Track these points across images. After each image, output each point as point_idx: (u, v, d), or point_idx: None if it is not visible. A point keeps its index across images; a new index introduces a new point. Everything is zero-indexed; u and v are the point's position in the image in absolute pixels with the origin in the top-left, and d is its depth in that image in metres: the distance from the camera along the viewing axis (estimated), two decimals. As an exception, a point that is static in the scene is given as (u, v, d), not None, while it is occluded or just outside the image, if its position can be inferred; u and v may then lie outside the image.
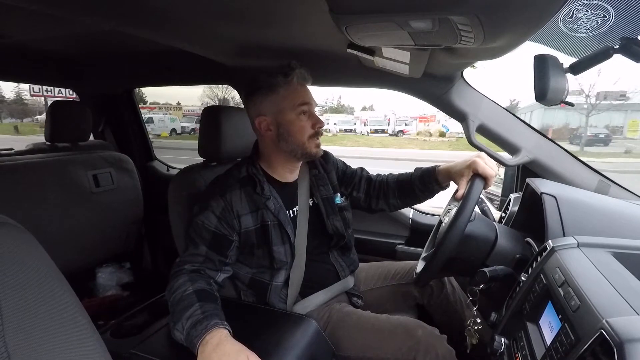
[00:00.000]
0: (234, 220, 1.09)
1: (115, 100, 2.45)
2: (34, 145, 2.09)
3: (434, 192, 1.25)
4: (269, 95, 1.10)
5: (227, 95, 29.88)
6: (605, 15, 0.75)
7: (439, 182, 1.21)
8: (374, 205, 1.34)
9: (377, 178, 1.36)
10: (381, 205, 1.34)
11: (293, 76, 1.10)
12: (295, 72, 1.10)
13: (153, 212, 2.18)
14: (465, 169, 1.11)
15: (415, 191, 1.26)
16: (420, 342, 1.02)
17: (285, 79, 1.09)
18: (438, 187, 1.23)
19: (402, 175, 1.32)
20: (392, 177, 1.34)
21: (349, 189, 1.34)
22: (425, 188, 1.24)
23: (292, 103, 1.10)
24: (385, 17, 0.72)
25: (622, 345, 0.49)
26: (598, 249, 0.82)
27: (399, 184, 1.30)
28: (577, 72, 0.90)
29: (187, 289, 0.97)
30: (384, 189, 1.32)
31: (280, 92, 1.10)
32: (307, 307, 1.18)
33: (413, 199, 1.30)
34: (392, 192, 1.31)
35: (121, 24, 1.19)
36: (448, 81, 1.41)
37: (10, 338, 0.49)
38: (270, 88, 1.10)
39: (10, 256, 0.52)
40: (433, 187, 1.23)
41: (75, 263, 1.78)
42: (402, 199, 1.31)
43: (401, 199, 1.31)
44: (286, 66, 1.11)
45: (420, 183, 1.25)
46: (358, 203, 1.36)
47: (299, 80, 1.11)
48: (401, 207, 1.35)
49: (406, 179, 1.29)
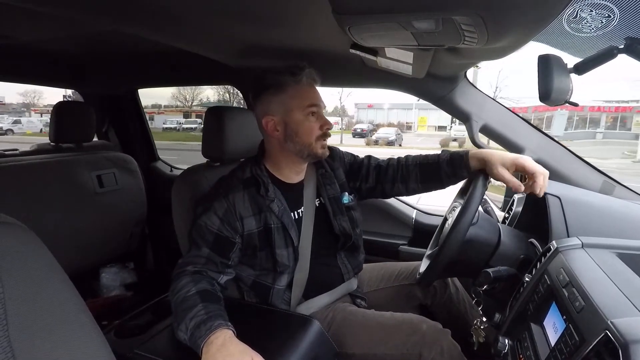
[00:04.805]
0: (237, 222, 1.09)
1: (119, 101, 2.46)
2: (38, 146, 2.11)
3: (462, 178, 1.16)
4: (277, 94, 1.09)
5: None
6: (609, 15, 0.75)
7: (470, 168, 1.11)
8: (389, 190, 1.26)
9: (391, 162, 1.28)
10: (398, 189, 1.25)
11: (302, 76, 1.09)
12: (304, 72, 1.09)
13: (156, 213, 2.19)
14: (509, 160, 1.03)
15: (441, 176, 1.17)
16: (426, 336, 1.02)
17: (294, 78, 1.08)
18: (467, 173, 1.13)
19: (426, 158, 1.22)
20: (412, 159, 1.24)
21: (358, 182, 1.29)
22: (454, 173, 1.15)
23: (301, 103, 1.09)
24: (388, 17, 0.72)
25: (627, 346, 0.49)
26: (602, 250, 0.81)
27: (422, 167, 1.21)
28: (581, 73, 0.90)
29: (189, 289, 0.97)
30: (402, 172, 1.23)
31: (288, 92, 1.09)
32: (311, 309, 1.18)
33: (436, 184, 1.20)
34: (414, 176, 1.22)
35: (126, 24, 1.19)
36: (451, 81, 1.41)
37: (15, 337, 0.49)
38: (279, 87, 1.09)
39: (15, 256, 0.53)
40: (462, 172, 1.14)
41: (79, 263, 1.79)
42: (425, 184, 1.22)
43: (423, 184, 1.22)
44: (295, 66, 1.10)
45: (448, 167, 1.15)
46: (372, 192, 1.30)
47: (308, 80, 1.10)
48: (421, 192, 1.25)
49: (432, 162, 1.19)
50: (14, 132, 23.17)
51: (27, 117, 28.97)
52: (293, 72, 1.09)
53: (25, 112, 33.68)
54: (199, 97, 30.63)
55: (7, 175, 1.51)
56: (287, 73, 1.09)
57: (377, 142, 21.10)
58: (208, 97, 28.73)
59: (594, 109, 21.81)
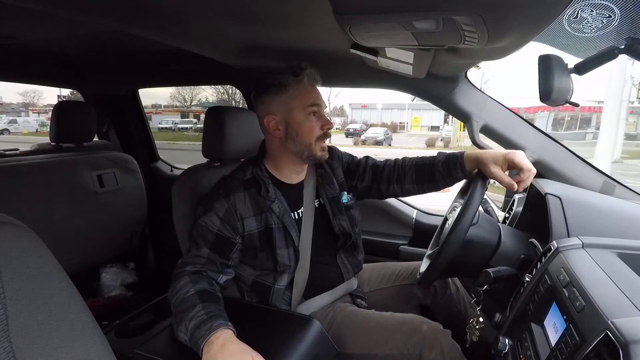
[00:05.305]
0: (237, 223, 1.09)
1: (119, 101, 2.46)
2: (39, 145, 2.11)
3: (456, 179, 1.17)
4: (278, 94, 1.10)
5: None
6: (610, 15, 0.75)
7: (465, 169, 1.13)
8: (384, 190, 1.28)
9: (387, 162, 1.29)
10: (393, 189, 1.26)
11: (303, 76, 1.09)
12: (305, 72, 1.10)
13: (157, 213, 2.19)
14: (501, 157, 1.05)
15: (435, 176, 1.19)
16: (426, 337, 1.02)
17: (295, 78, 1.09)
18: (462, 174, 1.15)
19: (422, 159, 1.24)
20: (409, 161, 1.26)
21: (354, 181, 1.30)
22: (449, 174, 1.17)
23: (302, 103, 1.10)
24: (388, 17, 0.72)
25: (628, 346, 0.49)
26: (603, 250, 0.81)
27: (417, 168, 1.23)
28: (582, 73, 0.90)
29: (188, 290, 0.97)
30: (398, 172, 1.25)
31: (290, 92, 1.09)
32: (311, 309, 1.18)
33: (431, 184, 1.22)
34: (409, 177, 1.23)
35: (126, 24, 1.19)
36: (452, 81, 1.41)
37: (16, 338, 0.49)
38: (280, 87, 1.09)
39: (15, 256, 0.53)
40: (457, 173, 1.15)
41: (80, 263, 1.79)
42: (419, 184, 1.23)
43: (418, 184, 1.23)
44: (296, 66, 1.10)
45: (443, 168, 1.17)
46: (367, 192, 1.31)
47: (309, 80, 1.11)
48: (416, 193, 1.27)
49: (427, 163, 1.21)
50: (10, 131, 23.45)
51: (25, 117, 29.32)
52: (294, 72, 1.09)
53: (23, 111, 33.97)
54: (197, 97, 31.00)
55: (7, 175, 1.51)
56: (289, 73, 1.09)
57: (364, 142, 21.36)
58: (207, 97, 29.07)
59: (584, 109, 21.80)
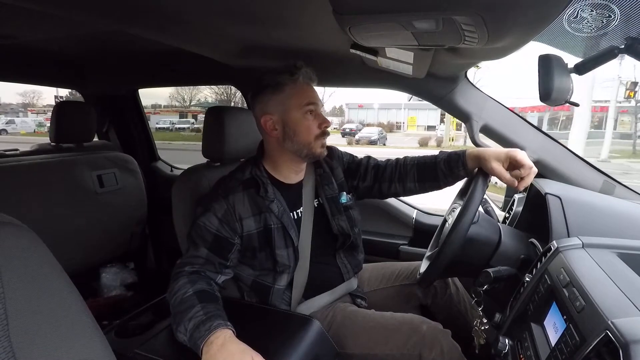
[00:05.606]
0: (236, 224, 1.09)
1: (119, 101, 2.46)
2: (39, 145, 2.11)
3: (458, 177, 1.17)
4: (275, 94, 1.10)
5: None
6: (610, 15, 0.75)
7: (467, 166, 1.13)
8: (386, 189, 1.27)
9: (389, 162, 1.29)
10: (395, 189, 1.26)
11: (299, 75, 1.10)
12: (301, 72, 1.10)
13: (157, 213, 2.19)
14: (502, 154, 1.05)
15: (437, 175, 1.18)
16: (426, 337, 1.02)
17: (291, 77, 1.09)
18: (464, 172, 1.14)
19: (424, 158, 1.24)
20: (410, 160, 1.26)
21: (355, 181, 1.30)
22: (450, 172, 1.16)
23: (299, 102, 1.10)
24: (388, 17, 0.72)
25: (628, 346, 0.49)
26: (603, 250, 0.81)
27: (419, 166, 1.23)
28: (582, 72, 0.90)
29: (187, 290, 0.97)
30: (400, 171, 1.25)
31: (286, 91, 1.10)
32: (311, 309, 1.18)
33: (433, 183, 1.21)
34: (411, 176, 1.23)
35: (126, 24, 1.19)
36: (452, 81, 1.41)
37: (16, 338, 0.49)
38: (277, 87, 1.10)
39: (15, 256, 0.53)
40: (459, 171, 1.14)
41: (80, 263, 1.79)
42: (421, 183, 1.23)
43: (420, 183, 1.23)
44: (292, 65, 1.11)
45: (445, 166, 1.16)
46: (369, 192, 1.31)
47: (305, 79, 1.11)
48: (417, 192, 1.26)
49: (429, 162, 1.21)
50: (7, 132, 23.53)
51: (23, 117, 29.40)
52: (290, 71, 1.10)
53: (22, 112, 34.01)
54: (196, 97, 31.05)
55: (7, 175, 1.51)
56: (285, 72, 1.10)
57: (358, 141, 21.45)
58: (206, 97, 29.11)
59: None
